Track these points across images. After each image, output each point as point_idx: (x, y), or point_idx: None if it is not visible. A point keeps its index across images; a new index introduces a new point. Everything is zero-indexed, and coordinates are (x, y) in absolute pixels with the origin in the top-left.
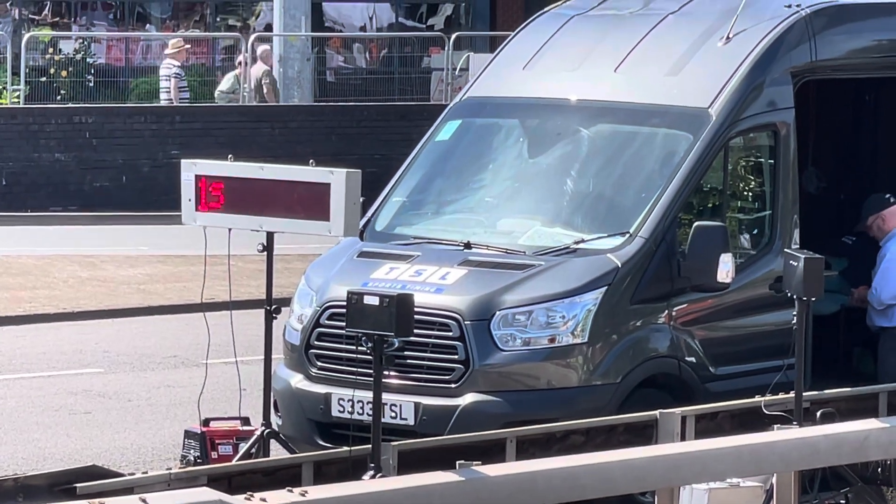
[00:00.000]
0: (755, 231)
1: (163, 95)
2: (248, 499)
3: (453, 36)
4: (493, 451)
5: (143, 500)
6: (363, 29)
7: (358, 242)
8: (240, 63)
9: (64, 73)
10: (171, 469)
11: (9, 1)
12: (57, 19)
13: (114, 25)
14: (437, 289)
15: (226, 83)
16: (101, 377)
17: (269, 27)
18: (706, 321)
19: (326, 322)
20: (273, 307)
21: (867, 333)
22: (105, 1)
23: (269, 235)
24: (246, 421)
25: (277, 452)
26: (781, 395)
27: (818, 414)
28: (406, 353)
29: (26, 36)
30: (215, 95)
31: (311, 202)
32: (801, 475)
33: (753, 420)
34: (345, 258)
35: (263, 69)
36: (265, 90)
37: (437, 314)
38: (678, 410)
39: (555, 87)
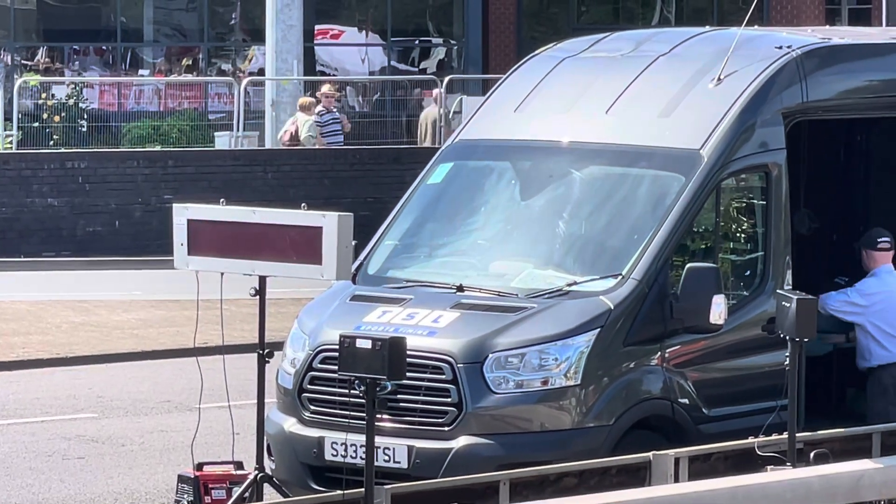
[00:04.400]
0: (748, 272)
1: (330, 141)
2: None
3: (446, 79)
4: (486, 494)
5: None
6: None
7: (350, 286)
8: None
9: (56, 119)
10: None
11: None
12: (49, 64)
13: (106, 70)
14: (430, 332)
15: (308, 129)
16: (95, 422)
17: (261, 71)
18: (699, 363)
19: (319, 366)
20: (266, 351)
21: (860, 374)
22: (97, 46)
23: (262, 279)
24: (239, 465)
25: (271, 496)
26: (775, 437)
27: (812, 455)
28: (399, 396)
29: (18, 81)
30: (302, 139)
31: (304, 246)
32: None
33: (747, 461)
34: (337, 302)
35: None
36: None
37: (429, 357)
38: (672, 452)
39: (546, 130)
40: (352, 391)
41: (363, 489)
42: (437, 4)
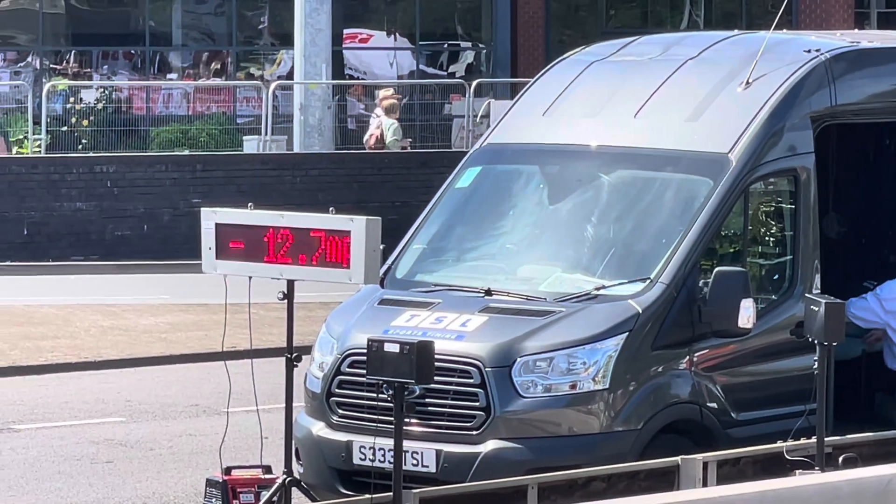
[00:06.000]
0: (776, 276)
1: (396, 144)
2: None
3: (474, 83)
4: (514, 499)
5: None
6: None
7: (378, 290)
8: (398, 107)
9: (85, 123)
10: None
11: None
12: (78, 69)
13: (135, 74)
14: (458, 336)
15: (393, 133)
16: (123, 426)
17: (290, 75)
18: (727, 367)
19: (347, 370)
20: (294, 355)
21: (889, 378)
22: (126, 50)
23: (290, 283)
24: (267, 469)
25: (299, 501)
26: (803, 441)
27: (840, 459)
28: (427, 400)
29: (47, 85)
30: (388, 143)
31: (332, 250)
32: None
33: (775, 465)
34: (365, 306)
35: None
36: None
37: (457, 361)
38: (700, 456)
39: (575, 133)
40: (380, 395)
41: (391, 493)
42: (465, 8)
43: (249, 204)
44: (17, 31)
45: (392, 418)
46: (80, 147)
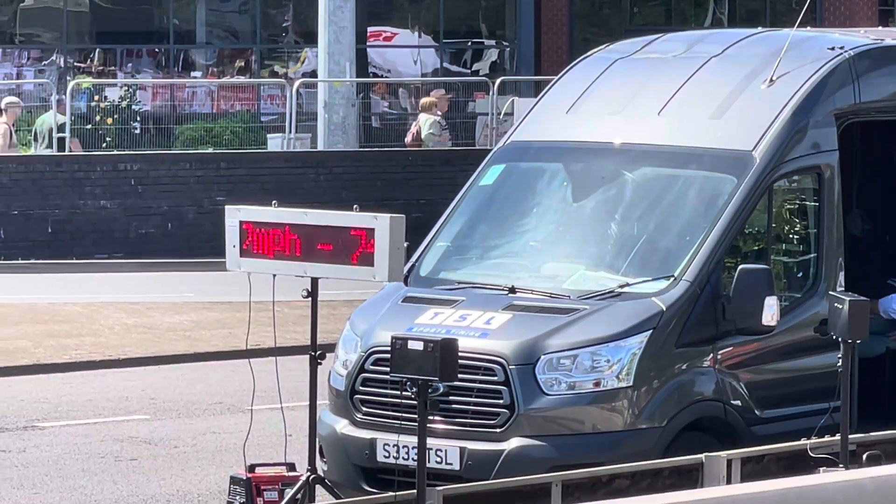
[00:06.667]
0: (800, 274)
1: (433, 139)
2: None
3: (498, 81)
4: (538, 496)
5: None
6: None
7: (402, 288)
8: (436, 104)
9: (109, 121)
10: None
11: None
12: (102, 67)
13: (159, 72)
14: (482, 333)
15: (429, 127)
16: (147, 424)
17: (313, 73)
18: (751, 364)
19: (371, 367)
20: (318, 353)
21: None
22: (150, 48)
23: (314, 281)
24: (291, 467)
25: (323, 498)
26: (827, 438)
27: (864, 456)
28: (451, 397)
29: (71, 83)
30: (423, 138)
31: (356, 248)
32: None
33: (799, 463)
34: (389, 303)
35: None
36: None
37: (481, 358)
38: (724, 454)
39: (598, 131)
40: (404, 393)
41: (415, 491)
42: (489, 6)
43: (273, 201)
44: (41, 30)
45: (416, 416)
46: (104, 145)
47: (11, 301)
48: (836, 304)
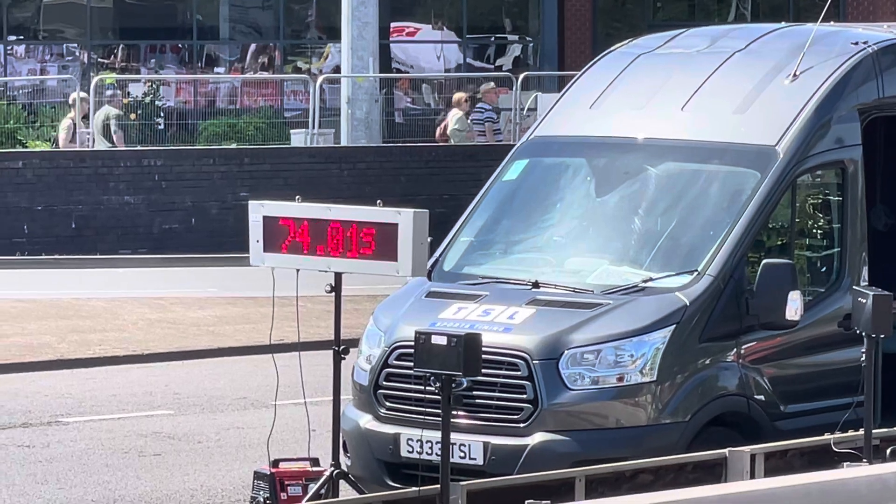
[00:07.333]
0: (823, 268)
1: (478, 139)
2: None
3: (521, 76)
4: (562, 491)
5: None
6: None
7: (426, 282)
8: (464, 100)
9: (133, 116)
10: None
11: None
12: (125, 63)
13: (182, 68)
14: (506, 328)
15: (455, 122)
16: (171, 419)
17: (337, 69)
18: (775, 359)
19: (395, 362)
20: (341, 348)
21: None
22: (174, 44)
23: (337, 276)
24: (315, 462)
25: (347, 493)
26: (851, 433)
27: (888, 451)
28: (474, 392)
29: (94, 79)
30: (448, 133)
31: (379, 242)
32: None
33: (823, 458)
34: (413, 298)
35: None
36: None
37: (505, 353)
38: (747, 449)
39: (622, 126)
40: (427, 388)
41: (439, 486)
42: (512, 1)
43: (297, 197)
44: (64, 25)
45: (439, 411)
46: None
47: (35, 297)
48: (859, 299)
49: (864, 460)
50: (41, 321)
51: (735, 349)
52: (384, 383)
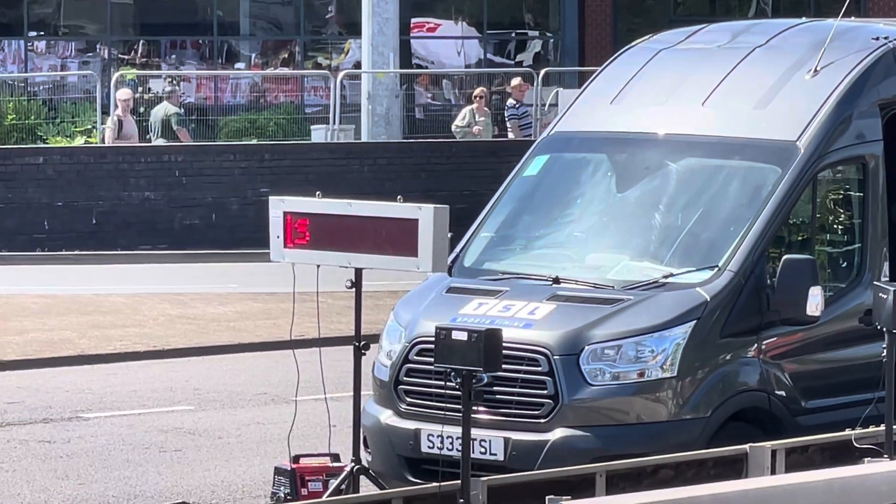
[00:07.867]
0: (844, 264)
1: (510, 134)
2: None
3: (542, 72)
4: (582, 486)
5: None
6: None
7: (446, 278)
8: (477, 97)
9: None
10: None
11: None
12: (146, 58)
13: (202, 64)
14: (526, 324)
15: (462, 119)
16: (192, 415)
17: (357, 65)
18: (796, 355)
19: (415, 358)
20: (362, 343)
21: None
22: (194, 40)
23: (358, 272)
24: (336, 457)
25: (367, 488)
26: (872, 428)
27: None
28: (495, 388)
29: (115, 75)
30: (452, 129)
31: (400, 238)
32: None
33: (844, 454)
34: (433, 294)
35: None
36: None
37: (525, 349)
38: (768, 444)
39: (642, 122)
40: (448, 383)
41: (459, 481)
42: None
43: (317, 192)
44: (85, 21)
45: (460, 406)
46: (147, 136)
47: (56, 292)
48: (880, 294)
49: (886, 456)
50: (62, 317)
51: (756, 345)
52: (405, 379)
